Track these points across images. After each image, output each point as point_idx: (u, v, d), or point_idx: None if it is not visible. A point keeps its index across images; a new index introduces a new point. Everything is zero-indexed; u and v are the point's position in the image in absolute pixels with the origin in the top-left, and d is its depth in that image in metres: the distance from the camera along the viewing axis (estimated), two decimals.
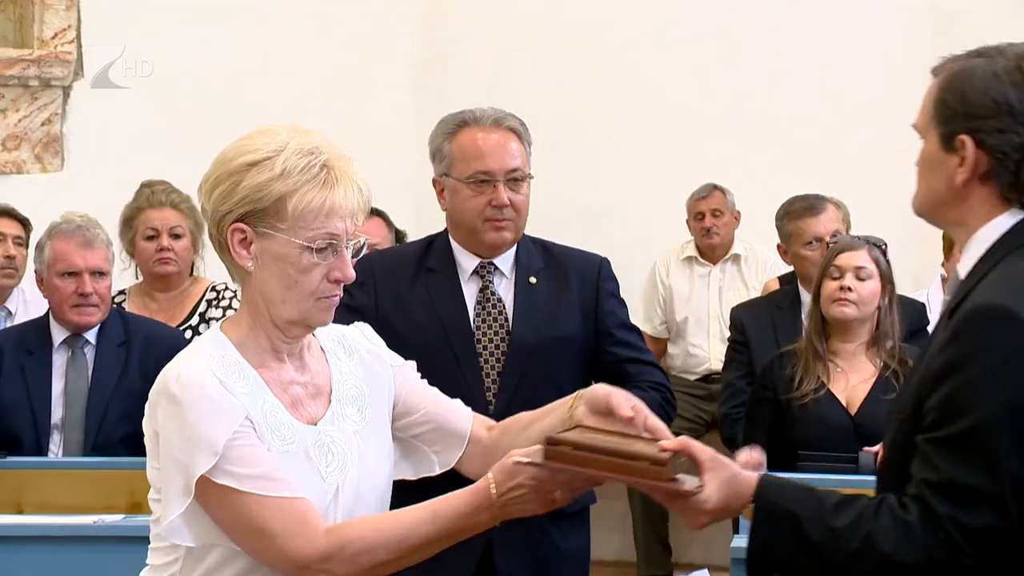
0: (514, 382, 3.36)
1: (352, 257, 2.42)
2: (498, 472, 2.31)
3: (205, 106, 6.59)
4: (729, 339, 5.54)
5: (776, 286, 6.06)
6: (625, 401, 2.42)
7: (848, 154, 6.92)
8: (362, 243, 2.44)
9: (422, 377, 2.65)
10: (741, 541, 3.94)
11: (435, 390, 2.65)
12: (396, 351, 2.63)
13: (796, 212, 5.55)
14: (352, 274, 2.41)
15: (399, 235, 5.73)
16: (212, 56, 6.74)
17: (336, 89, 6.95)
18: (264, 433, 2.36)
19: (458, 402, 2.65)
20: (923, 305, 5.35)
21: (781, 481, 2.28)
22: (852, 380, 4.51)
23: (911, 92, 7.72)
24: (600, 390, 2.48)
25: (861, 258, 4.49)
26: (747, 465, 2.31)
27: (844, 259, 4.49)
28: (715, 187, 6.73)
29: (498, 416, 2.73)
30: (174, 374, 2.34)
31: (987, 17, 6.78)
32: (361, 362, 2.55)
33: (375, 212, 5.28)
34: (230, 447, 2.29)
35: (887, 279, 4.52)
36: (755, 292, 6.54)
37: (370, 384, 2.54)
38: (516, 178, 3.41)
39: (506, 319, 3.43)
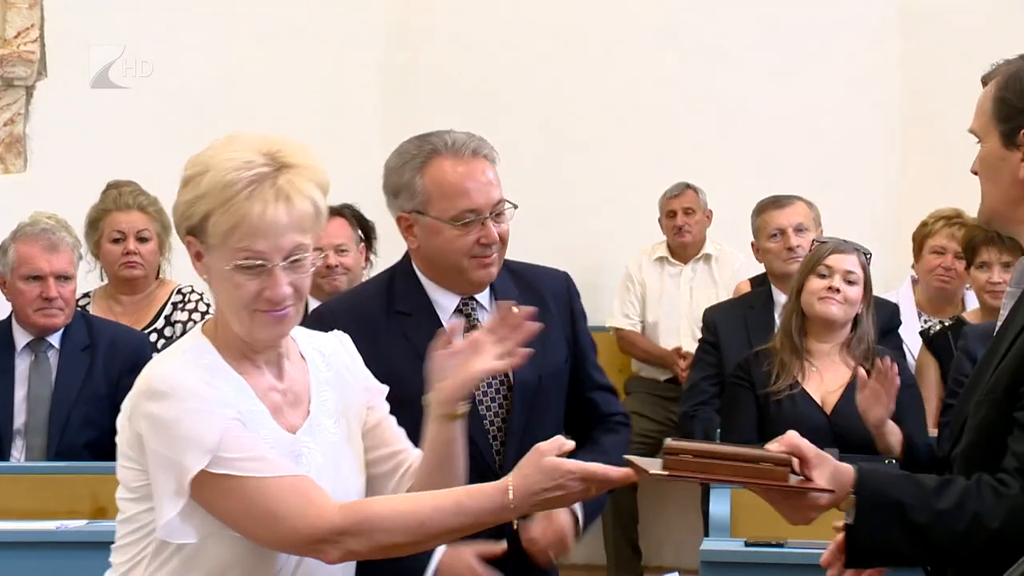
0: (520, 428, 3.10)
1: (310, 268, 2.34)
2: (535, 472, 2.26)
3: (172, 107, 6.54)
4: (700, 340, 5.53)
5: (747, 288, 6.06)
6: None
7: (821, 156, 6.95)
8: (310, 258, 2.33)
9: (412, 427, 2.55)
10: (711, 543, 3.93)
11: (401, 431, 2.56)
12: None
13: (763, 206, 5.64)
14: (283, 293, 2.30)
15: (368, 229, 5.51)
16: (181, 57, 6.68)
17: (306, 89, 6.90)
18: (252, 433, 2.32)
19: (416, 451, 2.54)
20: (896, 306, 5.37)
21: (877, 469, 2.33)
22: (827, 380, 4.50)
23: (882, 94, 7.75)
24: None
25: (851, 262, 4.50)
26: None
27: (834, 260, 4.50)
28: (687, 186, 6.72)
29: (508, 467, 2.44)
30: (160, 373, 2.30)
31: (957, 20, 6.81)
32: (337, 374, 2.50)
33: (337, 212, 5.15)
34: (222, 440, 2.25)
35: (868, 286, 4.54)
36: (726, 292, 6.52)
37: (344, 397, 2.49)
38: (500, 211, 3.12)
39: None
